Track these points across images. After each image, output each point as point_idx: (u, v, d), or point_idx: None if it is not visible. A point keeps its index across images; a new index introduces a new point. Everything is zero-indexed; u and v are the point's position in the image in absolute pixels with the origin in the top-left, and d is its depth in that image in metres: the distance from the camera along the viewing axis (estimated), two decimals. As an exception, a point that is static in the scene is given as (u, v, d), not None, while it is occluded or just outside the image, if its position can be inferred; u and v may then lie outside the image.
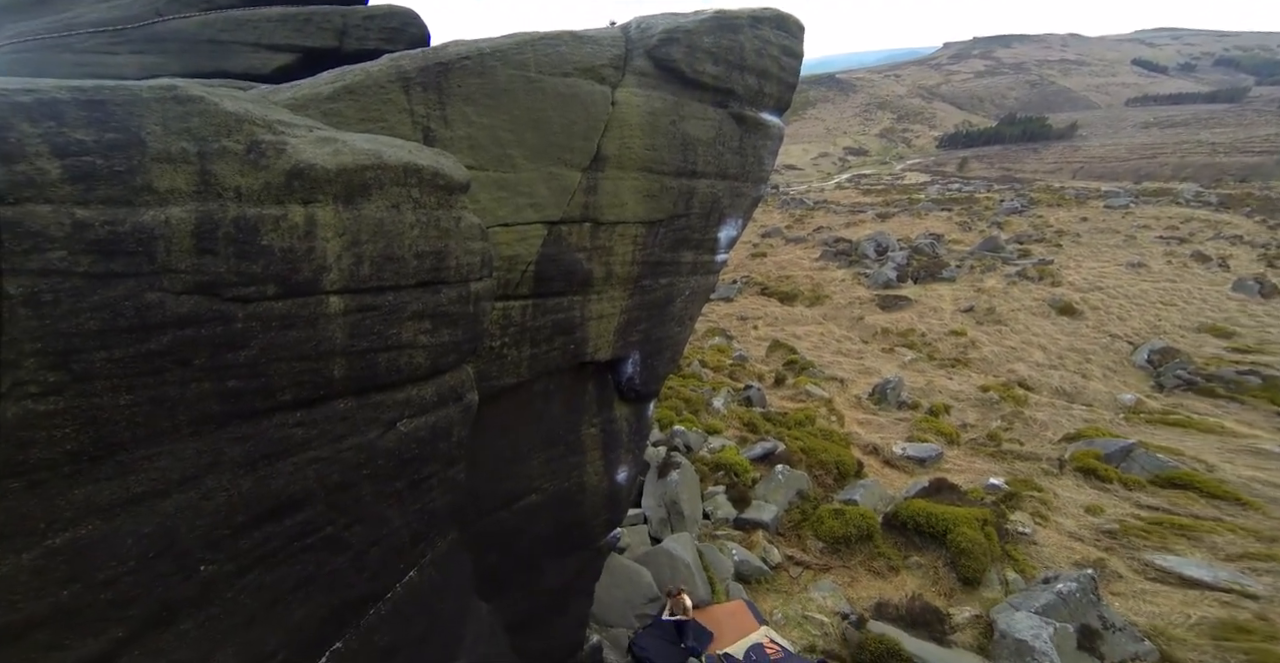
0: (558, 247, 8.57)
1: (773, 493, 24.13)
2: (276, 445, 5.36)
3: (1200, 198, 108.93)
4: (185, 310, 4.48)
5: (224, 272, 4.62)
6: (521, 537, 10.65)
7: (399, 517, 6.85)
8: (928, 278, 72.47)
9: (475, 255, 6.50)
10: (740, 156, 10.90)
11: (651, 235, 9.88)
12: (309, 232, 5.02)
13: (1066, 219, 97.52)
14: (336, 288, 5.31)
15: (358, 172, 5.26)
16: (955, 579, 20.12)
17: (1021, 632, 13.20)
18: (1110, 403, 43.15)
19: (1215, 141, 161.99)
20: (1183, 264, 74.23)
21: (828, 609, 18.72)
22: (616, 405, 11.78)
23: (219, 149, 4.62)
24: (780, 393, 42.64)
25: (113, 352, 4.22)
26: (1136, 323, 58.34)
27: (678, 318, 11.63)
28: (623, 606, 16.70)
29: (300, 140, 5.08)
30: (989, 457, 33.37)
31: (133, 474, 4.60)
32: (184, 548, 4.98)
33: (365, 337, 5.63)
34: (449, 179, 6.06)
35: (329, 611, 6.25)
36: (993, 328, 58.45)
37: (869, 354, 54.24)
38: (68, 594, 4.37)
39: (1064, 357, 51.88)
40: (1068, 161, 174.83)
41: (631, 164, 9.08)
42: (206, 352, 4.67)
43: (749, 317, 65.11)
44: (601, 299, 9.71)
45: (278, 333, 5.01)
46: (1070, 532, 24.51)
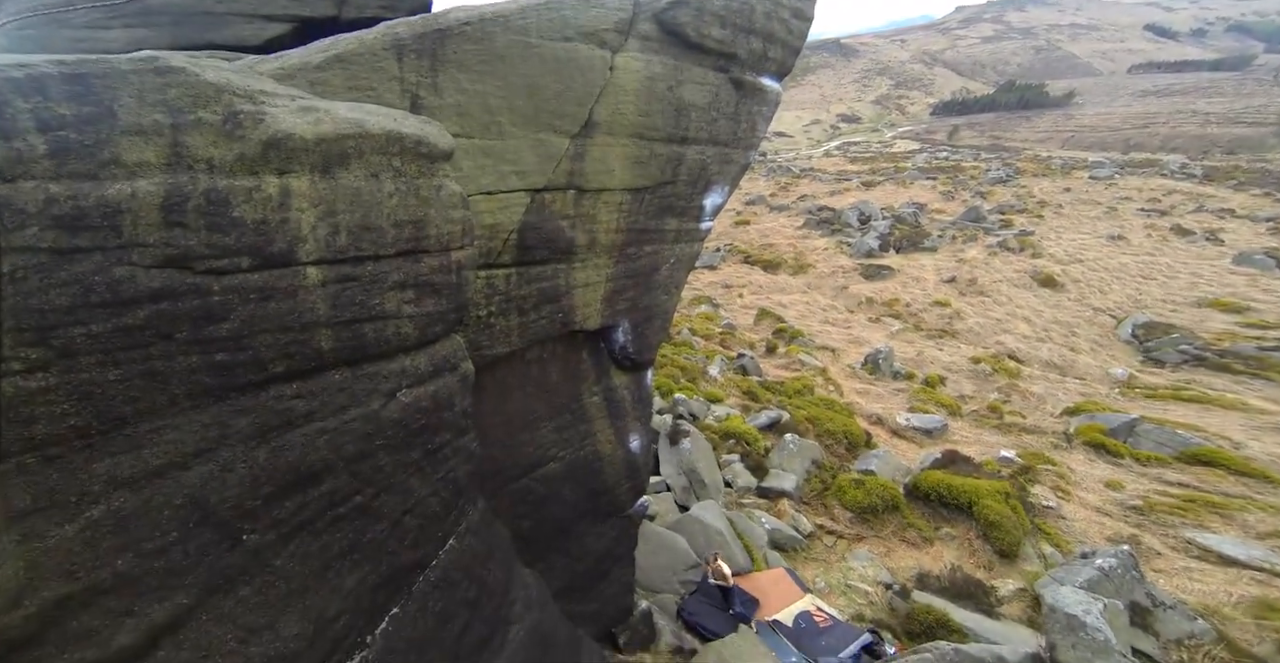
0: (540, 214, 8.47)
1: (788, 462, 24.08)
2: (280, 417, 5.35)
3: (1185, 170, 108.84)
4: (158, 285, 4.43)
5: (195, 245, 4.54)
6: (550, 504, 10.76)
7: (424, 486, 6.88)
8: (910, 248, 72.14)
9: (456, 224, 6.39)
10: (734, 122, 10.73)
11: (636, 203, 9.76)
12: (283, 202, 4.93)
13: (1050, 189, 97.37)
14: (313, 258, 5.22)
15: (338, 141, 5.17)
16: (991, 552, 20.04)
17: (1071, 607, 12.69)
18: (1102, 377, 42.86)
19: (1209, 111, 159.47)
20: (1162, 238, 73.89)
21: (869, 579, 18.64)
22: (614, 374, 11.78)
23: (194, 120, 4.54)
24: (773, 362, 42.44)
25: (90, 327, 4.19)
26: (1117, 296, 57.78)
27: (664, 286, 11.54)
28: (665, 572, 16.66)
29: (281, 110, 4.97)
30: (994, 429, 33.25)
31: (145, 448, 4.65)
32: (221, 518, 5.08)
33: (348, 307, 5.57)
34: (432, 147, 5.95)
35: (380, 578, 6.38)
36: (976, 299, 57.98)
37: (856, 323, 53.97)
38: (123, 563, 4.53)
39: (1049, 329, 51.45)
40: (1059, 130, 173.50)
41: (622, 130, 8.93)
42: (187, 325, 4.63)
43: (733, 285, 64.50)
44: (586, 267, 9.62)
45: (257, 305, 4.95)
46: (1095, 507, 24.39)
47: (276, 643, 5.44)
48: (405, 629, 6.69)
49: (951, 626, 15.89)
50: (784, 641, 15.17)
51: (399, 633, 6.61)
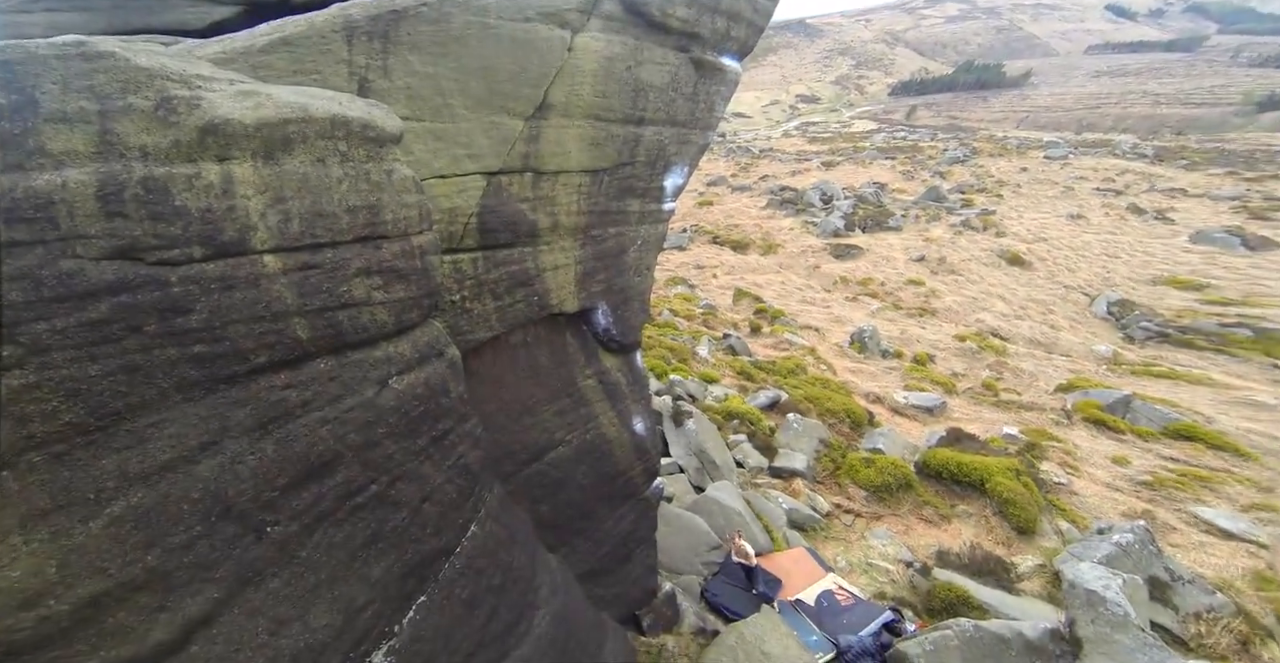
0: (498, 198, 8.32)
1: (795, 441, 24.04)
2: (277, 408, 5.27)
3: (1136, 150, 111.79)
4: (111, 277, 4.28)
5: (140, 235, 4.37)
6: (566, 488, 10.75)
7: (437, 473, 6.84)
8: (875, 227, 73.20)
9: (412, 209, 6.24)
10: (692, 103, 10.59)
11: (595, 185, 9.62)
12: (226, 190, 4.75)
13: (1007, 169, 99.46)
14: (269, 247, 5.05)
15: (279, 125, 4.97)
16: (1009, 528, 20.10)
17: (1090, 582, 12.73)
18: (1087, 354, 43.49)
19: (1158, 92, 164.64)
20: (1120, 217, 75.77)
21: (889, 557, 18.62)
22: (604, 357, 11.72)
23: (124, 106, 4.35)
24: (760, 342, 42.50)
25: (53, 322, 4.07)
26: (1086, 275, 59.24)
27: (635, 268, 11.45)
28: (687, 553, 16.51)
29: (218, 95, 4.78)
30: (992, 406, 33.48)
31: (150, 442, 4.56)
32: (242, 511, 5.02)
33: (316, 295, 5.42)
34: (380, 131, 5.79)
35: (406, 566, 6.32)
36: (949, 278, 58.84)
37: (835, 303, 54.34)
38: (153, 558, 4.53)
39: (1026, 308, 52.38)
40: (1014, 111, 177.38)
41: (578, 112, 8.76)
42: (154, 318, 4.49)
43: (705, 265, 64.59)
44: (553, 250, 9.51)
45: (221, 295, 4.81)
46: (1106, 482, 24.57)
47: (306, 634, 5.39)
48: (433, 617, 6.62)
49: (972, 602, 15.88)
50: (805, 620, 15.05)
51: (426, 621, 6.55)
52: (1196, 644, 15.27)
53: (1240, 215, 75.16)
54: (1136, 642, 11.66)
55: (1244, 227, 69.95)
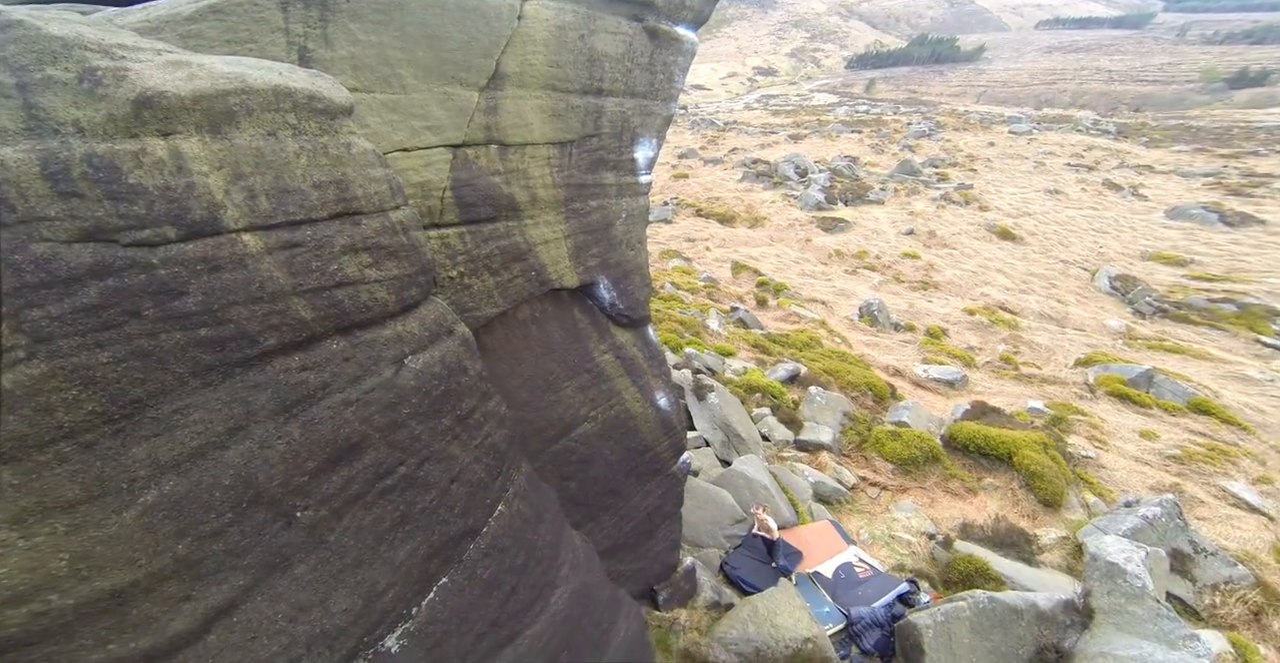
0: (468, 171, 8.14)
1: (820, 415, 23.65)
2: (297, 391, 5.17)
3: (1098, 126, 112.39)
4: (90, 260, 4.11)
5: (104, 216, 4.17)
6: (594, 465, 10.69)
7: (465, 453, 6.75)
8: (857, 200, 72.90)
9: (381, 183, 6.05)
10: (650, 74, 10.45)
11: (564, 157, 9.48)
12: (179, 167, 4.52)
13: (975, 144, 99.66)
14: (243, 225, 4.86)
15: (219, 97, 4.72)
16: (1035, 501, 19.75)
17: (1112, 555, 12.49)
18: (1099, 328, 42.93)
19: (1112, 69, 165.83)
20: (1098, 192, 75.92)
21: (913, 529, 18.38)
22: (616, 332, 11.63)
23: (43, 79, 4.10)
24: (768, 315, 41.83)
25: (48, 309, 3.94)
26: (1079, 249, 59.21)
27: (626, 241, 11.34)
28: (710, 526, 16.42)
29: (145, 65, 4.54)
30: (1014, 380, 33.03)
31: (177, 429, 4.50)
32: (272, 496, 4.98)
33: (308, 274, 5.27)
34: (328, 102, 5.55)
35: (431, 548, 6.21)
36: (943, 252, 58.45)
37: (835, 276, 53.50)
38: (183, 548, 4.51)
39: (1029, 282, 52.01)
40: (972, 85, 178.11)
41: (534, 82, 8.59)
42: (149, 302, 4.35)
43: (696, 238, 63.48)
44: (538, 224, 9.35)
45: (210, 277, 4.65)
46: (1135, 456, 24.20)
47: (325, 620, 5.30)
48: (452, 599, 6.50)
49: (990, 574, 15.72)
50: (821, 592, 15.02)
51: (445, 603, 6.43)
52: (1209, 615, 15.32)
53: (1216, 192, 75.41)
54: (1149, 612, 11.57)
55: (1221, 203, 70.16)
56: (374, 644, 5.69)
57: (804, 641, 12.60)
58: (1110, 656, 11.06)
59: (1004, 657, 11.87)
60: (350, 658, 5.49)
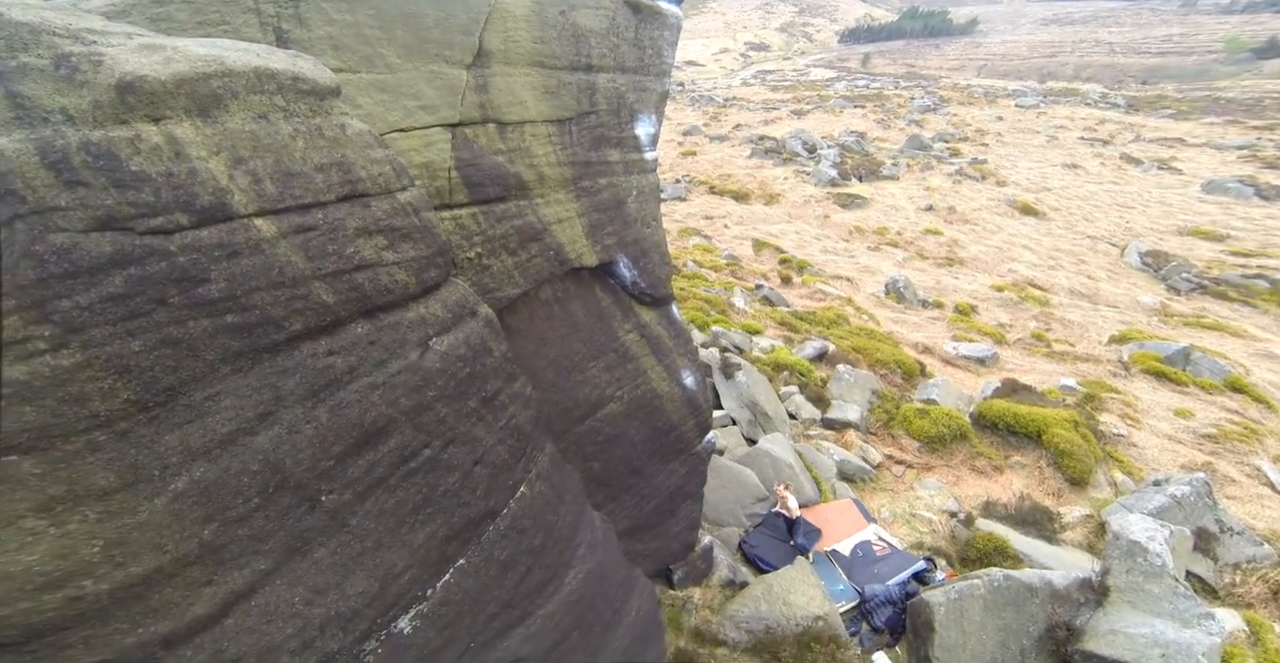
0: (470, 150, 8.08)
1: (848, 393, 23.43)
2: (325, 375, 5.21)
3: (1107, 99, 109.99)
4: (110, 249, 4.10)
5: (114, 204, 4.13)
6: (618, 445, 10.74)
7: (489, 435, 6.77)
8: (870, 176, 71.56)
9: (383, 164, 5.98)
10: (638, 49, 10.38)
11: (565, 135, 9.41)
12: (177, 152, 4.45)
13: (982, 118, 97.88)
14: (253, 210, 4.83)
15: (201, 81, 4.62)
16: (1062, 479, 19.48)
17: (1135, 533, 12.31)
18: (1133, 305, 41.95)
19: (1111, 41, 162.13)
20: (1118, 167, 74.25)
21: (935, 507, 18.27)
22: (640, 311, 11.60)
23: (18, 67, 4.01)
24: (794, 292, 41.18)
25: (76, 299, 3.96)
26: (1105, 225, 57.65)
27: (641, 219, 11.26)
28: (732, 505, 16.41)
29: (119, 49, 4.44)
30: (1046, 358, 32.33)
31: (209, 416, 4.57)
32: (298, 481, 5.03)
33: (325, 258, 5.26)
34: (314, 83, 5.44)
35: (450, 530, 6.24)
36: (965, 227, 57.34)
37: (858, 253, 52.36)
38: (209, 533, 4.58)
39: (1056, 258, 50.62)
40: (970, 59, 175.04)
41: (520, 59, 8.51)
42: (174, 290, 4.36)
43: (713, 216, 62.31)
44: (549, 203, 9.29)
45: (230, 263, 4.65)
46: (1168, 434, 23.70)
47: (340, 602, 5.34)
48: (467, 580, 6.51)
49: (1009, 552, 15.64)
50: (837, 570, 15.01)
51: (460, 584, 6.44)
52: (1227, 593, 15.17)
53: (1250, 164, 72.91)
54: (1165, 591, 11.48)
55: (1256, 176, 67.98)
56: (387, 626, 5.74)
57: (815, 619, 12.67)
58: (1121, 633, 11.02)
59: (1014, 634, 11.86)
60: (363, 640, 5.53)
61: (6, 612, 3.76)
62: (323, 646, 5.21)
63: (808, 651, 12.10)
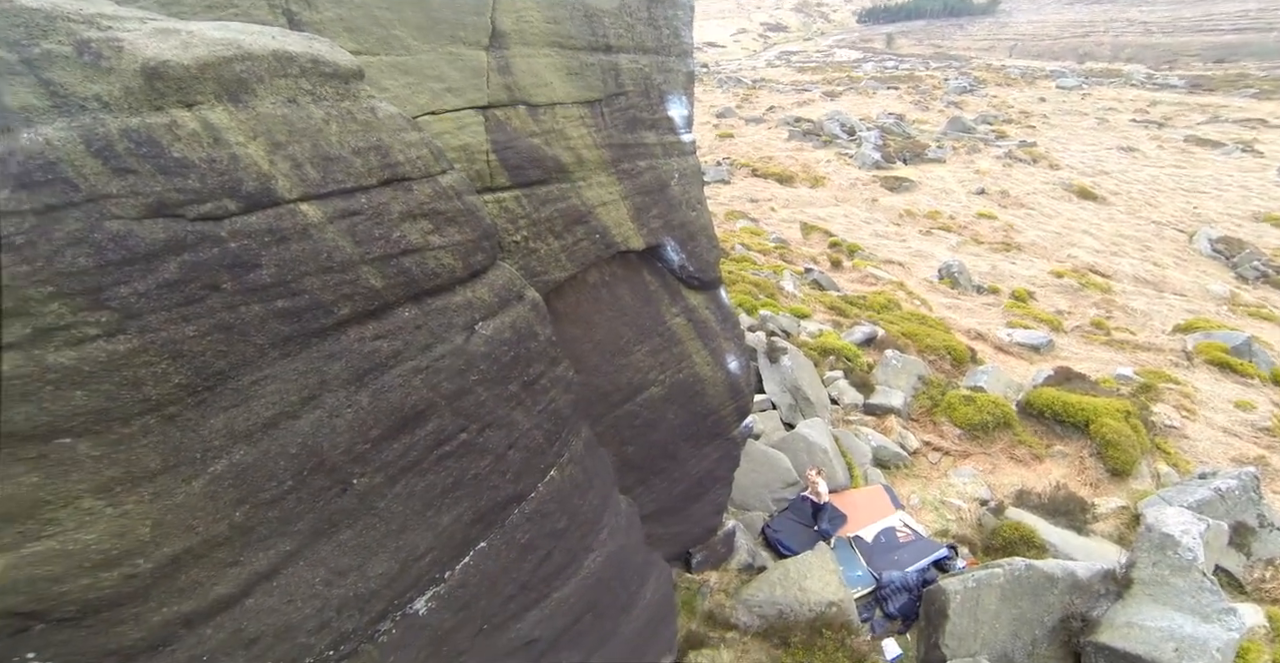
0: (504, 133, 8.05)
1: (894, 378, 23.04)
2: (370, 359, 5.26)
3: (1154, 80, 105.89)
4: (163, 236, 4.15)
5: (163, 191, 4.16)
6: (656, 428, 10.75)
7: (527, 419, 6.80)
8: (915, 159, 69.32)
9: (420, 147, 5.95)
10: (654, 29, 10.28)
11: (597, 117, 9.36)
12: (216, 138, 4.44)
13: (1023, 99, 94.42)
14: (298, 195, 4.85)
15: (222, 64, 4.56)
16: (1103, 470, 18.96)
17: (1170, 527, 12.05)
18: (1201, 293, 40.33)
19: (1147, 21, 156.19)
20: (1180, 149, 71.46)
21: (967, 495, 18.00)
22: (689, 294, 11.61)
23: (43, 54, 3.93)
24: (844, 276, 40.36)
25: (135, 286, 4.02)
26: (1170, 210, 55.01)
27: (685, 202, 11.21)
28: (760, 490, 16.36)
29: (135, 34, 4.32)
30: (1104, 346, 31.29)
31: (254, 400, 4.64)
32: (333, 464, 5.08)
33: (373, 243, 5.30)
34: (335, 65, 5.37)
35: (476, 513, 6.27)
36: (1020, 212, 55.47)
37: (910, 237, 50.93)
38: (240, 515, 4.62)
39: (1119, 243, 48.51)
40: (998, 39, 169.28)
41: (536, 40, 8.45)
42: (226, 275, 4.43)
43: (759, 199, 60.83)
44: (591, 185, 9.27)
45: (280, 248, 4.69)
46: (1224, 427, 22.79)
47: (360, 584, 5.36)
48: (487, 563, 6.51)
49: (1035, 542, 15.41)
50: (857, 556, 14.94)
51: (479, 567, 6.44)
52: (1254, 589, 14.83)
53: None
54: (1190, 585, 11.30)
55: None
56: (403, 607, 5.77)
57: (828, 604, 12.68)
58: (1137, 626, 10.94)
59: (1027, 624, 11.80)
60: (379, 620, 5.56)
61: (66, 588, 3.83)
62: (339, 626, 5.25)
63: (818, 636, 12.16)
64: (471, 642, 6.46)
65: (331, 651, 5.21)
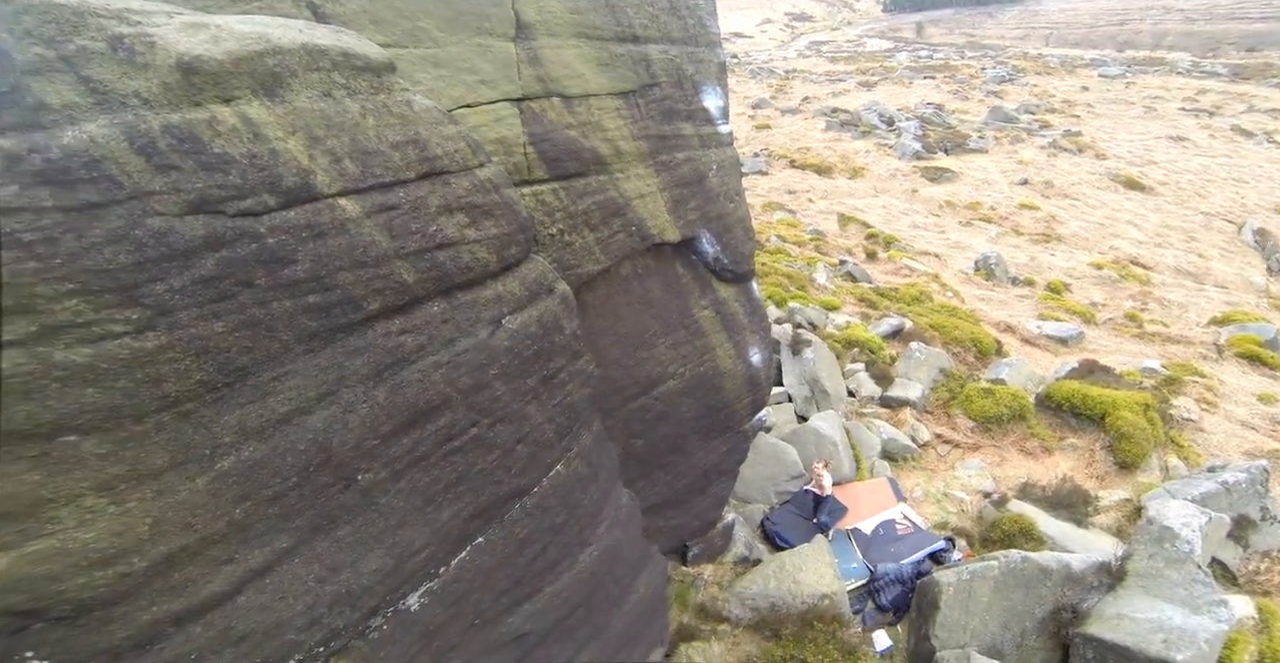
0: (541, 125, 8.00)
1: (915, 371, 22.84)
2: (393, 354, 5.25)
3: (1200, 68, 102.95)
4: (204, 232, 4.17)
5: (204, 188, 4.19)
6: (667, 422, 10.67)
7: (540, 413, 6.77)
8: (957, 149, 67.06)
9: (457, 140, 5.93)
10: (679, 18, 10.17)
11: (633, 108, 9.29)
12: (255, 134, 4.47)
13: (1066, 89, 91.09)
14: (336, 190, 4.85)
15: (254, 59, 4.54)
16: (1111, 463, 18.84)
17: (1171, 519, 12.16)
18: (1244, 285, 39.42)
19: (1184, 8, 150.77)
20: (1229, 139, 69.73)
21: (970, 488, 17.93)
22: (719, 287, 11.54)
23: (79, 51, 3.91)
24: (878, 268, 39.88)
25: (170, 282, 4.03)
26: (1220, 201, 52.83)
27: (724, 193, 11.13)
28: (764, 482, 16.35)
29: (164, 29, 4.35)
30: (1135, 338, 30.72)
31: (272, 396, 4.60)
32: (340, 460, 5.02)
33: (409, 237, 5.30)
34: (366, 58, 5.33)
35: (476, 508, 6.22)
36: (1064, 202, 53.84)
37: (949, 228, 50.01)
38: (240, 513, 4.54)
39: (1165, 235, 47.06)
40: (1032, 27, 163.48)
41: (563, 31, 8.36)
42: (261, 271, 4.43)
43: (796, 190, 59.67)
44: (629, 178, 9.22)
45: (316, 243, 4.70)
46: (1242, 420, 22.42)
47: (353, 580, 5.28)
48: (482, 557, 6.46)
49: (1034, 534, 15.36)
50: (854, 548, 14.97)
51: (474, 562, 6.38)
52: (1247, 581, 14.82)
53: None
54: (1184, 577, 11.40)
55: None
56: (396, 603, 5.72)
57: (821, 597, 12.73)
58: (1127, 617, 11.05)
59: (1018, 616, 11.88)
60: (370, 616, 5.50)
61: (63, 587, 3.80)
62: (330, 622, 5.17)
63: (809, 629, 12.26)
64: (463, 637, 6.44)
65: (321, 647, 5.17)
